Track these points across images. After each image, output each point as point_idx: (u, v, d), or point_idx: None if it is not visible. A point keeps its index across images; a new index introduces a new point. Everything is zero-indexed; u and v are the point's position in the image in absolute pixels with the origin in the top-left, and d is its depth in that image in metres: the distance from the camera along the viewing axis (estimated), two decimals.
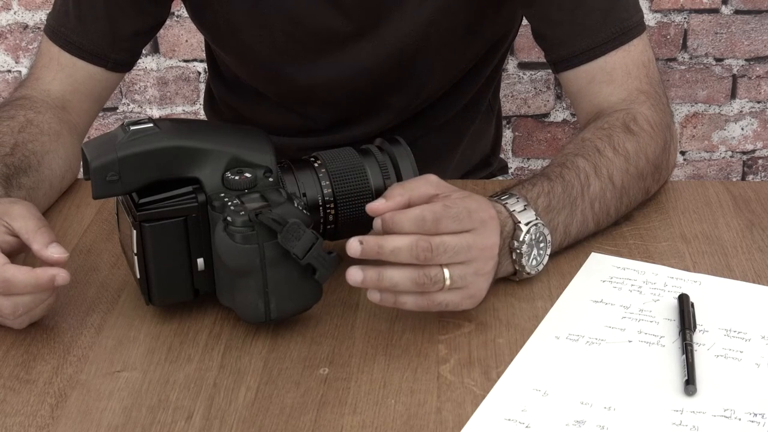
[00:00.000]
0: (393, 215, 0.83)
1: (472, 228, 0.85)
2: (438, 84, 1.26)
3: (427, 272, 0.84)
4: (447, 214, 0.84)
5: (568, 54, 1.12)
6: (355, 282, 0.84)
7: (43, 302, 0.88)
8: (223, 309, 0.92)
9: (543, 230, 0.93)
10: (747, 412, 0.78)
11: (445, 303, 0.86)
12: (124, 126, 0.87)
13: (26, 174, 1.04)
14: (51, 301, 0.89)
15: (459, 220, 0.84)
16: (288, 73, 1.22)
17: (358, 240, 0.83)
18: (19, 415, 0.81)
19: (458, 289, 0.86)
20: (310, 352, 0.87)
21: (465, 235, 0.85)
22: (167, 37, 2.07)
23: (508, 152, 2.16)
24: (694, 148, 2.16)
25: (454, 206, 0.85)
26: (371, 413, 0.80)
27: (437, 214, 0.83)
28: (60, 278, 0.85)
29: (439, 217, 0.83)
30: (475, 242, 0.85)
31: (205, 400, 0.82)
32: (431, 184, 0.87)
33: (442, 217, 0.83)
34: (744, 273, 0.97)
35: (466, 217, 0.85)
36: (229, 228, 0.84)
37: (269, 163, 0.89)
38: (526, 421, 0.78)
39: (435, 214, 0.83)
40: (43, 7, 2.04)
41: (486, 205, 0.88)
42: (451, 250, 0.84)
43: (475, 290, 0.87)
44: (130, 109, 2.14)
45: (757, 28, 2.05)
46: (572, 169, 1.00)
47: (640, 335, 0.88)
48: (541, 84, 2.10)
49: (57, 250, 0.88)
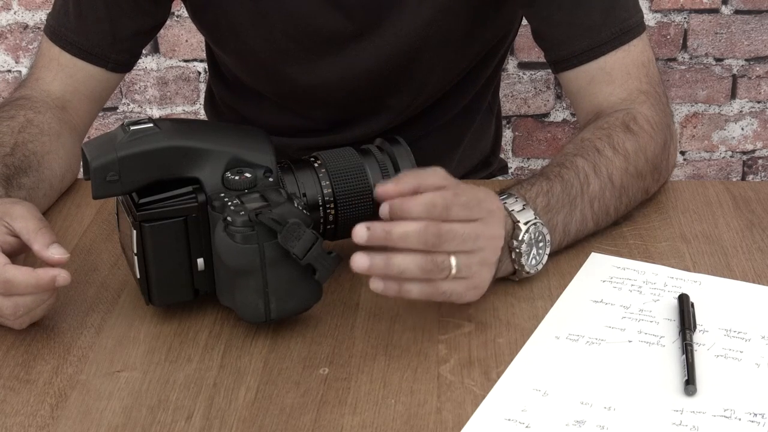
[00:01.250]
0: (403, 201, 0.82)
1: (481, 217, 0.85)
2: (438, 85, 1.26)
3: (435, 258, 0.83)
4: (457, 202, 0.84)
5: (568, 54, 1.12)
6: (361, 268, 0.82)
7: (43, 303, 0.88)
8: (223, 309, 0.92)
9: (542, 229, 0.93)
10: (747, 412, 0.78)
11: (450, 292, 0.85)
12: (124, 126, 0.87)
13: (26, 174, 1.04)
14: (51, 302, 0.89)
15: (469, 208, 0.84)
16: (288, 73, 1.22)
17: (366, 226, 0.82)
18: (19, 415, 0.81)
19: (463, 278, 0.85)
20: (310, 352, 0.87)
21: (473, 224, 0.84)
22: (167, 37, 2.07)
23: (508, 152, 2.16)
24: (694, 148, 2.16)
25: (464, 194, 0.84)
26: (371, 413, 0.80)
27: (447, 201, 0.83)
28: (61, 279, 0.85)
29: (450, 204, 0.83)
30: (484, 231, 0.85)
31: (205, 400, 0.82)
32: (440, 176, 0.87)
33: (453, 204, 0.83)
34: (744, 273, 0.97)
35: (476, 206, 0.85)
36: (229, 228, 0.84)
37: (269, 163, 0.89)
38: (526, 421, 0.78)
39: (445, 200, 0.83)
40: (43, 7, 2.04)
41: (493, 197, 0.89)
42: (459, 238, 0.83)
43: (479, 281, 0.87)
44: (130, 109, 2.14)
45: (757, 28, 2.05)
46: (571, 168, 1.00)
47: (640, 335, 0.88)
48: (541, 84, 2.10)
49: (58, 251, 0.88)
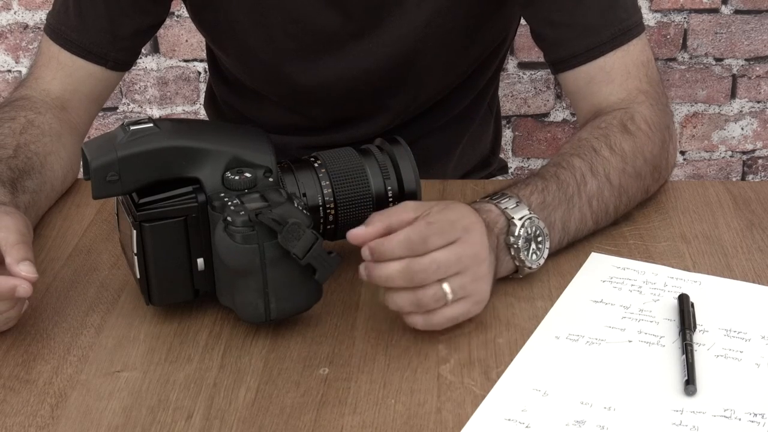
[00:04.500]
0: (380, 243, 0.83)
1: (458, 238, 0.85)
2: (438, 85, 1.26)
3: (427, 292, 0.84)
4: (432, 231, 0.84)
5: (568, 54, 1.12)
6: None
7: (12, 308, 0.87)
8: (223, 309, 0.92)
9: (538, 224, 0.93)
10: (747, 412, 0.78)
11: (455, 316, 0.87)
12: (124, 126, 0.87)
13: (30, 177, 1.04)
14: (20, 309, 0.88)
15: (444, 233, 0.84)
16: (288, 73, 1.22)
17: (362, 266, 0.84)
18: (19, 415, 0.81)
19: (462, 299, 0.86)
20: (310, 352, 0.87)
21: (452, 246, 0.85)
22: (167, 37, 2.07)
23: (508, 152, 2.16)
24: (694, 148, 2.16)
25: (436, 221, 0.85)
26: (371, 413, 0.80)
27: (422, 233, 0.84)
28: (21, 290, 0.84)
29: (425, 236, 0.84)
30: (464, 251, 0.85)
31: (205, 400, 0.82)
32: (409, 209, 0.87)
33: (428, 234, 0.84)
34: (744, 273, 0.97)
35: (450, 229, 0.85)
36: (229, 228, 0.84)
37: (269, 163, 0.89)
38: (526, 421, 0.78)
39: (420, 233, 0.84)
40: (43, 7, 2.04)
41: (465, 212, 0.88)
42: (443, 265, 0.84)
43: (480, 295, 0.87)
44: (130, 109, 2.14)
45: (757, 28, 2.05)
46: (568, 168, 1.00)
47: (640, 335, 0.88)
48: (541, 84, 2.10)
49: (27, 269, 0.86)
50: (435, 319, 0.86)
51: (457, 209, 0.88)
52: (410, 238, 0.83)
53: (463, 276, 0.85)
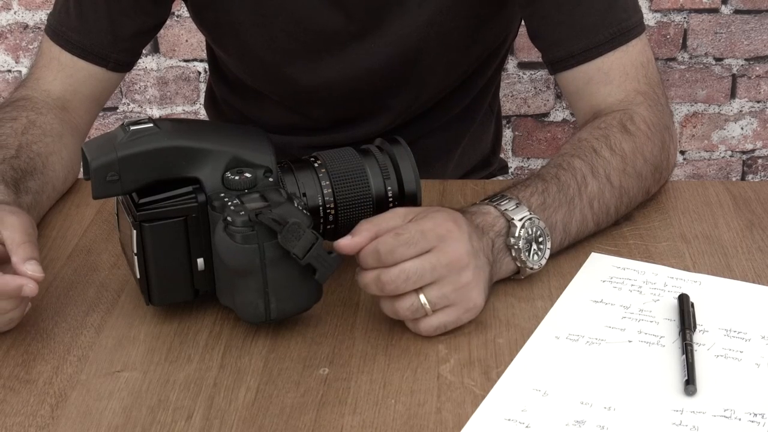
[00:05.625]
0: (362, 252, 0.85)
1: (431, 247, 0.85)
2: (439, 85, 1.26)
3: (403, 303, 0.85)
4: (399, 242, 0.84)
5: (566, 54, 1.11)
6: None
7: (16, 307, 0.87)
8: (223, 309, 0.92)
9: (539, 224, 0.93)
10: (747, 412, 0.78)
11: (443, 325, 0.87)
12: (124, 126, 0.87)
13: (32, 177, 1.04)
14: (24, 308, 0.88)
15: (413, 243, 0.84)
16: (289, 73, 1.22)
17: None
18: (19, 415, 0.81)
19: (447, 307, 0.86)
20: (310, 352, 0.87)
21: (425, 256, 0.85)
22: (167, 37, 2.07)
23: (508, 152, 2.16)
24: (694, 148, 2.16)
25: (406, 232, 0.85)
26: (371, 413, 0.80)
27: (389, 245, 0.84)
28: (28, 289, 0.84)
29: (392, 248, 0.84)
30: (438, 260, 0.85)
31: (205, 400, 0.82)
32: (398, 217, 0.88)
33: (395, 246, 0.84)
34: (744, 273, 0.97)
35: (421, 239, 0.85)
36: (229, 228, 0.84)
37: (269, 163, 0.89)
38: (526, 421, 0.78)
39: (387, 245, 0.84)
40: (43, 7, 2.05)
41: (443, 219, 0.87)
42: (413, 275, 0.84)
43: (469, 303, 0.87)
44: (130, 109, 2.14)
45: (757, 28, 2.05)
46: (568, 170, 1.00)
47: (640, 335, 0.88)
48: (541, 84, 2.10)
49: (33, 268, 0.86)
50: (420, 327, 0.87)
51: (434, 218, 0.87)
52: (377, 250, 0.84)
53: (442, 285, 0.85)
